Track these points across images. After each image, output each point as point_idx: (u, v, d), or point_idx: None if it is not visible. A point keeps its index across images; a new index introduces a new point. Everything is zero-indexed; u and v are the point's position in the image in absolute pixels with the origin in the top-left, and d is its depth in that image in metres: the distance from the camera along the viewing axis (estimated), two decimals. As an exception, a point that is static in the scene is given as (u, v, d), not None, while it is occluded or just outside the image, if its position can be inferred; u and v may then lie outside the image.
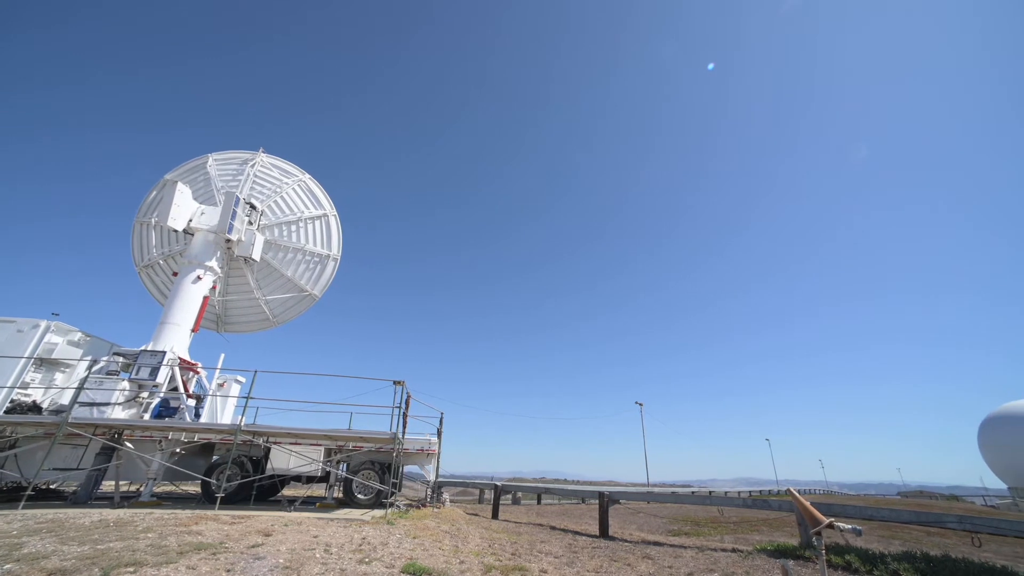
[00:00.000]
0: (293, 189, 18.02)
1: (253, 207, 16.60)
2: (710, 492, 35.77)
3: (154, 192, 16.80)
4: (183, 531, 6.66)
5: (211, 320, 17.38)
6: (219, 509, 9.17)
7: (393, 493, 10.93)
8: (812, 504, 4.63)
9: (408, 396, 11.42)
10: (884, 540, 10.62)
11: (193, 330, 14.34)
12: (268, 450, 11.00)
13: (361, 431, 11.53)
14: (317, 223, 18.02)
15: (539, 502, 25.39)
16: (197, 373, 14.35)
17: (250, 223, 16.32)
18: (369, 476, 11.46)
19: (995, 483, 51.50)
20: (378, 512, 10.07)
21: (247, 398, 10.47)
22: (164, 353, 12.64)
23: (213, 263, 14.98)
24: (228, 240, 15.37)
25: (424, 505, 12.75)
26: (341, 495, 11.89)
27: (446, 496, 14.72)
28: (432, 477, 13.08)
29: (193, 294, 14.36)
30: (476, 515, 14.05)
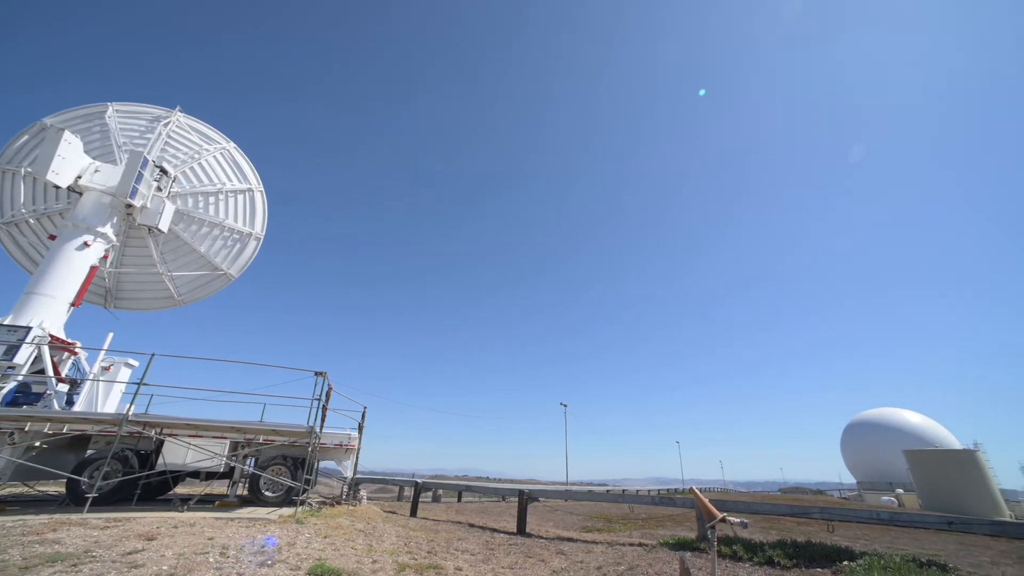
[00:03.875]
0: (215, 157, 16.22)
1: (164, 171, 14.66)
2: (623, 491, 38.16)
3: (26, 136, 14.04)
4: (34, 540, 5.50)
5: (98, 294, 15.07)
6: (89, 512, 7.78)
7: (305, 490, 10.28)
8: (710, 500, 5.14)
9: (330, 388, 10.82)
10: (764, 530, 12.08)
11: (74, 304, 12.31)
12: (161, 443, 9.80)
13: (274, 424, 10.72)
14: (240, 197, 16.39)
15: (460, 500, 25.35)
16: (74, 354, 12.30)
17: (159, 189, 14.39)
18: (280, 472, 10.68)
19: (849, 479, 62.35)
20: (287, 510, 9.41)
21: (139, 384, 9.19)
22: (28, 329, 10.64)
23: (107, 229, 12.99)
24: (130, 205, 13.42)
25: (339, 503, 12.15)
26: (246, 492, 10.97)
27: (363, 493, 14.13)
28: (350, 473, 12.52)
29: (77, 263, 12.31)
30: (394, 513, 13.68)
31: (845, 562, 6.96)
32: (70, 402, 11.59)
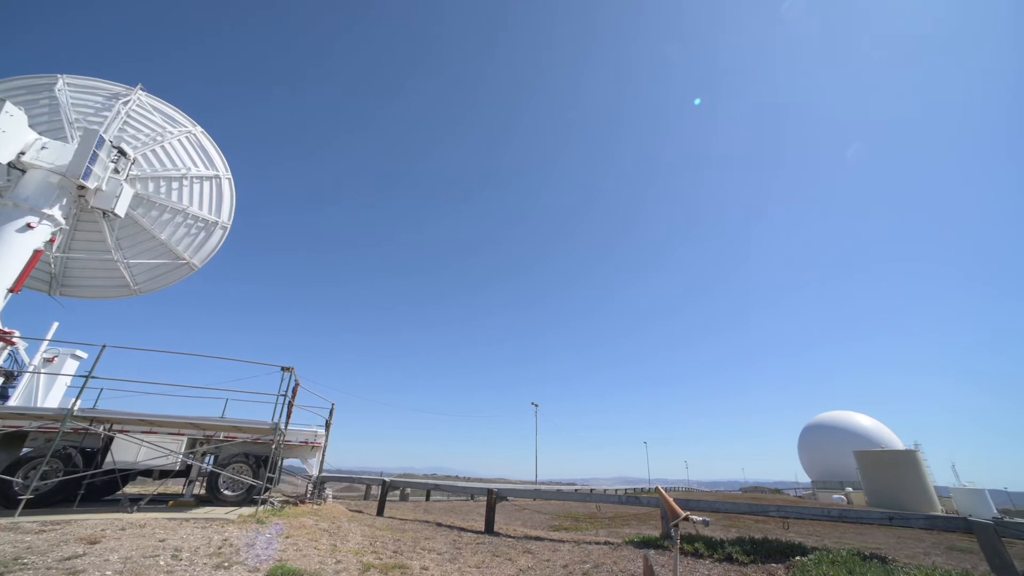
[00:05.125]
0: (179, 141, 15.38)
1: (123, 153, 13.76)
2: (591, 490, 38.75)
3: None
4: (-44, 548, 5.04)
5: (41, 280, 14.01)
6: (22, 515, 7.15)
7: (268, 489, 9.93)
8: (674, 500, 5.27)
9: (297, 384, 10.49)
10: (725, 528, 12.51)
11: (12, 290, 11.38)
12: (110, 440, 9.23)
13: (236, 420, 10.28)
14: (207, 184, 15.59)
15: (428, 498, 25.11)
16: (11, 344, 11.40)
17: (116, 171, 13.50)
18: (241, 470, 10.27)
19: (805, 478, 65.84)
20: (247, 510, 9.05)
21: (87, 377, 8.61)
22: (-43, 316, 9.84)
23: (55, 211, 12.05)
24: (82, 187, 12.53)
25: (303, 502, 11.80)
26: (204, 491, 10.50)
27: (329, 492, 13.77)
28: (315, 472, 12.18)
29: (17, 245, 11.34)
30: (360, 512, 13.38)
31: (798, 557, 7.31)
32: (4, 396, 10.75)
